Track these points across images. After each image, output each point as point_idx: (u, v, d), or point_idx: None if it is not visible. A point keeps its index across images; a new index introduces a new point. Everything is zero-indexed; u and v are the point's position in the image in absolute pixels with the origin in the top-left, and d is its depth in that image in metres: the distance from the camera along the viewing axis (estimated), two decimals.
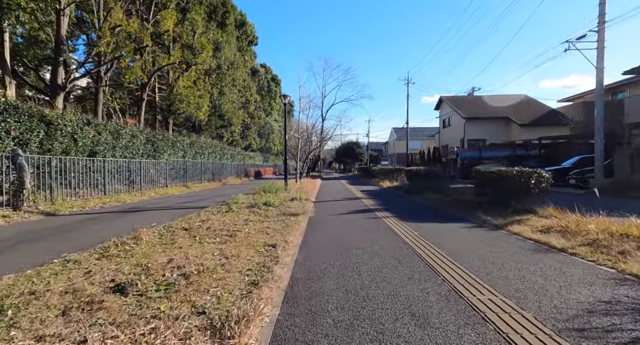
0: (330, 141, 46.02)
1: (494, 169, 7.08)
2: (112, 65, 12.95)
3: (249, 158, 32.96)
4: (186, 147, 17.84)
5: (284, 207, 7.83)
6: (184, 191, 13.92)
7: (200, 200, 10.38)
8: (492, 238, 4.62)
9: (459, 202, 8.38)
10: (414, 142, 48.52)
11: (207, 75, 22.79)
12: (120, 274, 2.95)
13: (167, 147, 15.67)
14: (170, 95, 18.16)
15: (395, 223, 5.92)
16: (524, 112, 27.87)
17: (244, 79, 30.33)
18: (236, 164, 25.75)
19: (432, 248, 4.08)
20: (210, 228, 5.20)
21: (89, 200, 8.94)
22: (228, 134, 27.34)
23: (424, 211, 7.60)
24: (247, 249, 3.95)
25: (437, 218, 6.49)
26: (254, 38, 32.34)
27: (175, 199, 10.71)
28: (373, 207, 8.31)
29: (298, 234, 5.10)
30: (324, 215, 7.14)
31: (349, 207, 8.51)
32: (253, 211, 7.26)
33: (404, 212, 7.42)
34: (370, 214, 7.11)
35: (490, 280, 2.92)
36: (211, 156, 21.85)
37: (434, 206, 8.38)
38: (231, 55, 25.54)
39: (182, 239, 4.49)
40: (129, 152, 12.52)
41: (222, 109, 24.20)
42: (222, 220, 6.04)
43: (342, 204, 9.34)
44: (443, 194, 10.40)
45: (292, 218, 6.33)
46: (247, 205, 8.01)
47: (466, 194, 9.83)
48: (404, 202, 9.57)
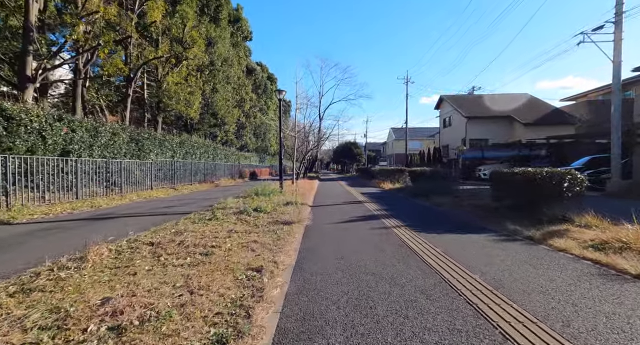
0: (327, 141, 45.15)
1: (518, 170, 6.16)
2: (92, 57, 11.93)
3: (244, 158, 31.91)
4: (175, 147, 16.80)
5: (277, 214, 6.86)
6: (170, 194, 12.89)
7: (185, 205, 9.38)
8: (535, 257, 3.69)
9: (473, 206, 7.46)
10: (413, 143, 47.73)
11: (199, 72, 21.76)
12: (18, 331, 1.96)
13: (154, 147, 14.62)
14: (159, 91, 17.10)
15: (408, 235, 4.97)
16: (528, 111, 27.12)
17: (238, 77, 29.31)
18: (230, 165, 24.70)
19: (466, 273, 3.13)
20: (183, 243, 4.21)
21: (56, 205, 7.90)
22: (222, 133, 26.29)
23: (437, 218, 6.66)
24: (223, 276, 2.98)
25: (455, 227, 5.55)
26: (249, 33, 31.31)
27: (158, 203, 9.70)
28: (378, 213, 7.36)
29: (291, 250, 4.13)
30: (323, 223, 6.18)
31: (351, 213, 7.55)
32: (241, 219, 6.28)
33: (414, 219, 6.48)
34: (376, 222, 6.16)
35: (576, 337, 1.98)
36: (203, 156, 20.80)
37: (446, 212, 7.45)
38: (225, 51, 24.52)
39: (142, 260, 3.51)
40: (109, 151, 11.48)
41: (215, 106, 23.16)
42: (202, 231, 5.05)
43: (343, 209, 8.38)
44: (452, 197, 9.48)
45: (285, 228, 5.37)
46: (235, 211, 7.03)
47: (478, 196, 8.92)
48: (412, 207, 8.63)
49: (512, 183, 6.30)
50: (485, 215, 6.48)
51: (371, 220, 6.44)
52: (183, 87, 18.16)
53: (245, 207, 7.45)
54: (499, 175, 6.80)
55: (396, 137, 55.59)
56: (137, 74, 15.12)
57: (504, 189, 6.78)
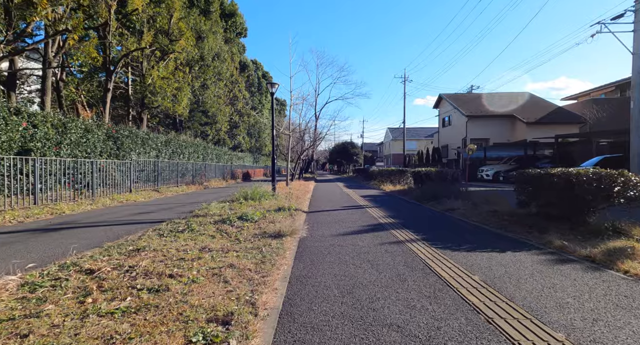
0: (323, 142, 44.20)
1: (556, 170, 5.16)
2: (63, 45, 10.73)
3: (237, 158, 30.72)
4: (161, 146, 15.62)
5: (266, 223, 5.78)
6: (152, 197, 11.72)
7: (163, 210, 8.24)
8: (620, 294, 2.65)
9: (494, 214, 6.45)
10: (410, 143, 46.95)
11: (188, 67, 20.59)
12: None
13: (136, 145, 13.44)
14: (143, 86, 15.89)
15: (429, 253, 3.92)
16: (529, 110, 26.35)
17: (231, 74, 28.13)
18: (222, 165, 23.52)
19: (540, 328, 2.08)
20: (133, 270, 3.11)
21: (6, 212, 6.71)
22: (213, 132, 25.09)
23: (457, 229, 5.63)
24: (169, 337, 1.90)
25: (484, 242, 4.51)
26: (243, 29, 30.13)
27: (132, 209, 8.54)
28: (385, 222, 6.31)
29: (278, 279, 3.06)
30: (321, 236, 5.11)
31: (353, 221, 6.50)
32: (221, 230, 5.19)
33: (430, 230, 5.44)
34: (385, 235, 5.10)
35: None
36: (192, 156, 19.62)
37: (464, 220, 6.42)
38: (216, 46, 23.35)
39: (57, 303, 2.40)
40: (81, 149, 10.29)
41: (205, 104, 21.97)
42: (167, 249, 3.96)
43: (344, 216, 7.32)
44: (464, 201, 8.47)
45: (273, 243, 4.29)
46: (216, 220, 5.94)
47: (495, 201, 7.92)
48: (422, 214, 7.59)
49: (545, 186, 5.30)
50: (512, 224, 5.47)
51: (379, 231, 5.38)
52: (170, 82, 16.96)
53: (229, 215, 6.36)
54: (527, 177, 5.79)
55: (393, 137, 54.79)
56: (118, 66, 13.91)
57: (533, 193, 5.78)
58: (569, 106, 27.42)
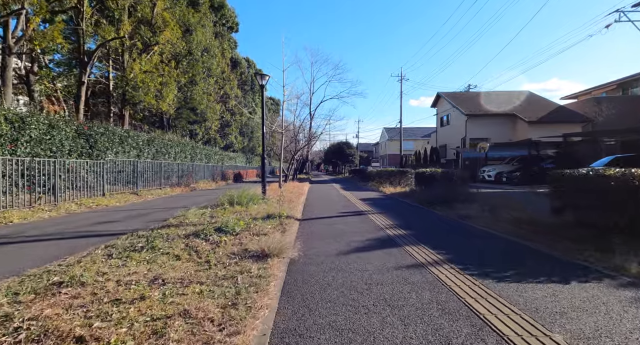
0: (318, 142, 43.11)
1: (613, 171, 4.16)
2: (27, 29, 9.47)
3: (228, 159, 29.48)
4: (142, 145, 14.39)
5: (250, 236, 4.70)
6: (129, 201, 10.53)
7: (132, 218, 7.09)
8: None
9: (519, 222, 5.45)
10: (407, 143, 46.13)
11: (175, 61, 19.36)
12: None
13: (113, 144, 12.21)
14: (123, 80, 14.66)
15: (467, 286, 2.87)
16: (530, 109, 25.63)
17: (222, 70, 26.91)
18: (212, 166, 22.29)
19: None
20: (22, 329, 2.02)
21: None
22: (202, 131, 23.85)
23: (485, 245, 4.59)
24: None
25: (532, 266, 3.48)
26: (235, 24, 28.92)
27: (98, 216, 7.38)
28: (394, 233, 5.26)
29: (253, 340, 1.98)
30: (317, 256, 4.04)
31: (356, 232, 5.44)
32: (190, 247, 4.09)
33: (453, 247, 4.40)
34: (399, 254, 4.05)
35: None
36: (179, 156, 18.39)
37: (490, 232, 5.38)
38: (205, 40, 22.14)
39: None
40: (44, 148, 9.07)
41: (194, 101, 20.75)
42: (105, 280, 2.85)
43: (343, 224, 6.26)
44: (478, 206, 7.48)
45: (254, 269, 3.22)
46: (189, 233, 4.83)
47: (514, 206, 6.94)
48: (435, 223, 6.56)
49: (591, 189, 4.31)
50: (551, 237, 4.47)
51: (389, 247, 4.33)
52: (153, 76, 15.74)
53: (207, 225, 5.25)
54: (567, 179, 4.79)
55: (389, 138, 53.96)
56: (94, 57, 12.68)
57: (574, 198, 4.78)
58: (569, 105, 26.81)
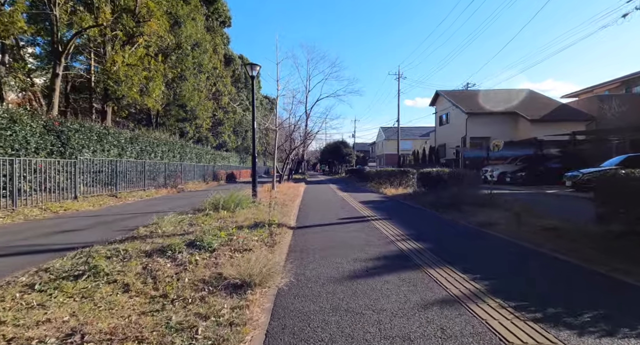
0: (314, 142, 42.22)
1: None
2: None
3: (221, 158, 28.41)
4: (125, 143, 13.32)
5: (230, 253, 3.77)
6: (105, 205, 9.51)
7: (99, 226, 6.09)
8: None
9: (555, 232, 4.59)
10: (405, 143, 45.38)
11: (163, 55, 18.29)
12: None
13: (89, 141, 11.15)
14: (104, 73, 13.59)
15: (538, 343, 1.98)
16: (532, 107, 24.98)
17: (214, 66, 25.84)
18: (203, 166, 21.25)
19: None
20: None
21: None
22: (193, 129, 22.77)
23: (536, 267, 3.66)
24: None
25: (608, 303, 2.60)
26: (227, 18, 27.84)
27: (58, 224, 6.37)
28: (409, 248, 4.35)
29: None
30: (314, 285, 3.11)
31: (362, 247, 4.52)
32: (149, 270, 3.14)
33: (489, 268, 3.51)
34: (423, 281, 3.14)
35: None
36: (167, 155, 17.32)
37: (525, 246, 4.50)
38: (196, 33, 21.07)
39: None
40: (3, 145, 8.02)
41: (183, 97, 19.68)
42: (2, 330, 1.90)
43: (344, 234, 5.35)
44: (497, 210, 6.62)
45: (227, 308, 2.29)
46: (154, 249, 3.87)
47: (539, 211, 6.09)
48: (454, 233, 5.65)
49: None
50: (610, 256, 3.59)
51: (406, 270, 3.40)
52: (138, 70, 14.68)
53: (179, 240, 4.29)
54: (618, 182, 3.93)
55: (386, 137, 53.21)
56: (70, 46, 11.61)
57: (628, 204, 3.92)
58: (573, 103, 26.26)
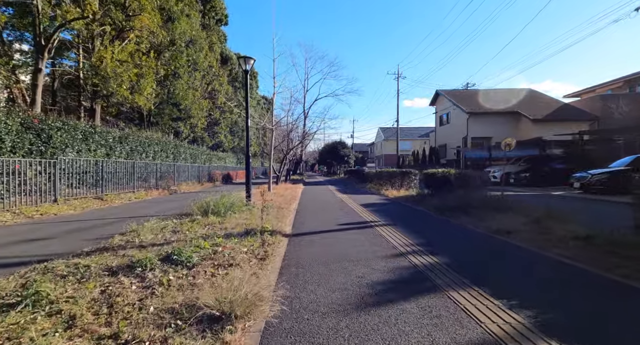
0: (312, 143, 41.60)
1: None
2: None
3: (217, 159, 27.76)
4: (114, 142, 12.68)
5: (212, 269, 3.16)
6: (89, 208, 8.87)
7: (73, 234, 5.47)
8: None
9: (591, 243, 4.02)
10: (404, 143, 44.88)
11: (156, 52, 17.67)
12: None
13: (74, 141, 10.51)
14: (92, 69, 12.96)
15: None
16: (534, 106, 24.53)
17: (210, 64, 25.22)
18: (198, 166, 20.61)
19: None
20: None
21: None
22: (187, 129, 22.12)
23: (584, 292, 3.11)
24: None
25: None
26: (224, 16, 27.23)
27: (29, 231, 5.73)
28: (423, 264, 3.76)
29: None
30: (313, 313, 2.51)
31: (367, 260, 3.92)
32: (108, 295, 2.52)
33: (528, 291, 2.93)
34: (447, 311, 2.54)
35: None
36: (159, 156, 16.69)
37: (561, 260, 3.90)
38: (191, 30, 20.46)
39: None
40: None
41: (177, 95, 19.05)
42: None
43: (346, 245, 4.76)
44: (514, 216, 6.05)
45: None
46: (122, 264, 3.26)
47: (562, 217, 5.53)
48: (471, 242, 5.06)
49: None
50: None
51: (425, 294, 2.81)
52: (128, 66, 14.06)
53: (159, 248, 3.68)
54: None
55: (385, 137, 52.73)
56: (53, 39, 10.97)
57: None
58: (576, 103, 25.86)
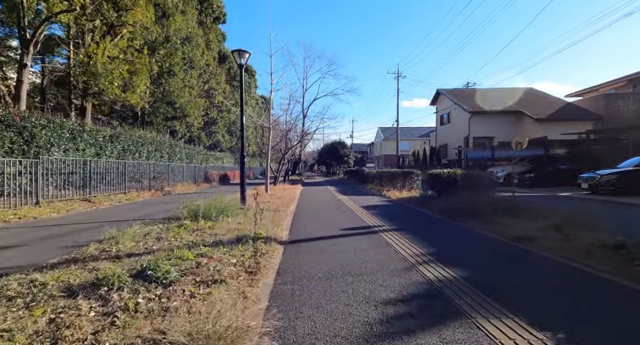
0: (311, 143, 41.10)
1: None
2: None
3: (214, 159, 27.24)
4: (104, 141, 12.16)
5: (193, 287, 2.65)
6: (74, 211, 8.35)
7: (49, 240, 4.96)
8: None
9: (624, 254, 3.54)
10: (403, 143, 44.44)
11: (150, 49, 17.16)
12: None
13: (60, 140, 10.00)
14: (82, 65, 12.45)
15: None
16: (537, 105, 24.11)
17: (207, 63, 24.71)
18: (194, 167, 20.10)
19: None
20: None
21: None
22: (183, 128, 21.60)
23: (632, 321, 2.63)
24: None
25: None
26: (222, 14, 26.69)
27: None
28: (440, 279, 3.26)
29: None
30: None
31: (374, 274, 3.43)
32: (57, 326, 2.04)
33: (584, 322, 2.44)
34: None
35: None
36: (154, 155, 16.17)
37: (604, 277, 3.43)
38: (187, 27, 19.96)
39: None
40: None
41: (172, 93, 18.53)
42: None
43: (348, 253, 4.27)
44: (532, 221, 5.58)
45: None
46: (89, 280, 2.76)
47: (584, 222, 5.05)
48: (490, 251, 4.57)
49: None
50: None
51: (450, 323, 2.31)
52: (119, 63, 13.55)
53: (135, 260, 3.18)
54: None
55: (385, 137, 52.29)
56: (39, 33, 10.45)
57: None
58: (579, 102, 25.46)
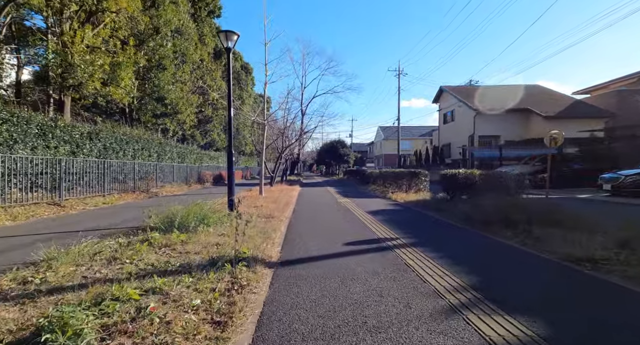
0: (310, 142, 39.98)
1: None
2: None
3: (209, 158, 26.08)
4: (81, 139, 11.02)
5: None
6: (36, 217, 7.24)
7: None
8: None
9: None
10: (404, 143, 43.38)
11: (138, 40, 16.04)
12: None
13: (26, 136, 8.87)
14: (57, 57, 11.32)
15: None
16: (545, 103, 23.11)
17: (201, 58, 23.59)
18: (186, 166, 18.98)
19: None
20: None
21: None
22: (174, 126, 20.45)
23: None
24: None
25: None
26: (216, 7, 25.54)
27: None
28: (506, 340, 2.20)
29: None
30: None
31: (398, 320, 2.35)
32: None
33: None
34: None
35: None
36: (141, 154, 15.02)
37: None
38: (178, 19, 18.83)
39: None
40: None
41: (161, 89, 17.39)
42: None
43: (357, 283, 3.18)
44: (577, 231, 4.52)
45: None
46: None
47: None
48: (550, 281, 3.51)
49: None
50: None
51: None
52: (101, 54, 12.43)
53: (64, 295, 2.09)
54: None
55: (385, 137, 51.28)
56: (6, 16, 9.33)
57: None
58: (588, 99, 24.51)
